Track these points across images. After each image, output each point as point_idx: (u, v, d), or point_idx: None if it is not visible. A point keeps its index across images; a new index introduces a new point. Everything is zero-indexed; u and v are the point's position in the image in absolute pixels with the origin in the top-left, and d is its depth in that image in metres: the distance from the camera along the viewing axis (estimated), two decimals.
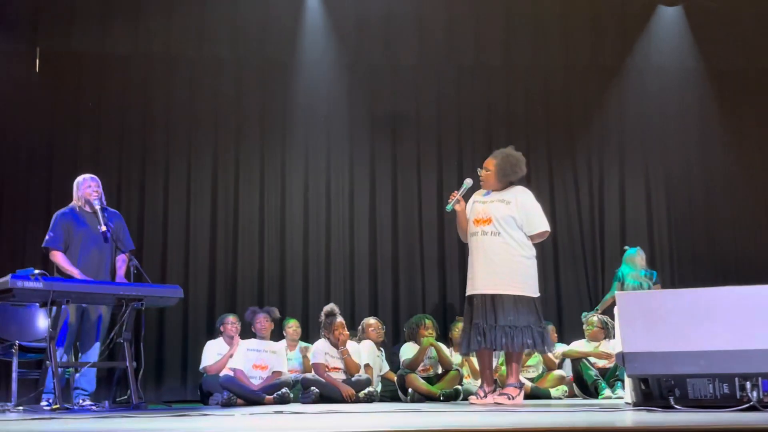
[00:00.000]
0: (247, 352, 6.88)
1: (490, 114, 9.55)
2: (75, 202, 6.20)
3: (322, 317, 7.07)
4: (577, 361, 7.41)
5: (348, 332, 7.03)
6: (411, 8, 9.31)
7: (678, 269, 9.39)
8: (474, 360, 7.04)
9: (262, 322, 7.03)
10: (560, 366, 7.73)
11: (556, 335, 8.03)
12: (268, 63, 9.27)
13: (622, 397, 6.31)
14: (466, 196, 5.80)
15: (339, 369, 6.88)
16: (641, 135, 9.61)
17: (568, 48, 9.53)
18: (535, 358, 7.54)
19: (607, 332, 7.57)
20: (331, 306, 7.12)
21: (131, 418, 4.30)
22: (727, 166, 9.55)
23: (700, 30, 9.50)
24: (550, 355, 7.33)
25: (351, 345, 7.04)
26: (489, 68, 9.52)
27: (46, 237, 6.07)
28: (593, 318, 7.71)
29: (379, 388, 7.09)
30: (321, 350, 6.92)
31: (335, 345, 6.92)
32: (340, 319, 6.98)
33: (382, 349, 7.54)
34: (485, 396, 5.57)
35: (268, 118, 9.23)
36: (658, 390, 3.86)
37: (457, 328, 7.24)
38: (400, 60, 9.40)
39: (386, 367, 7.50)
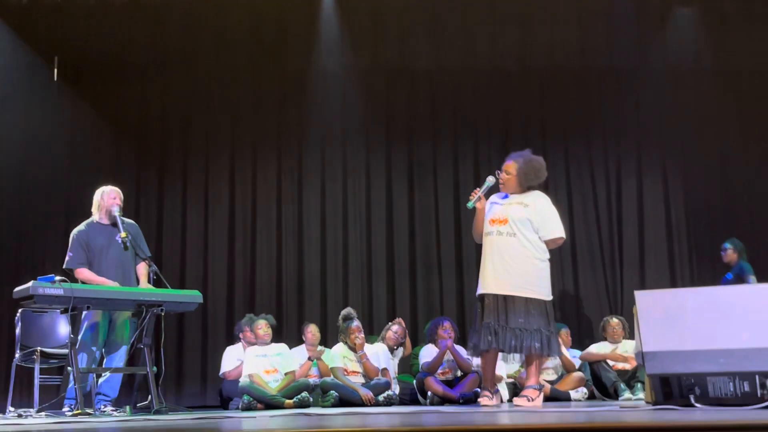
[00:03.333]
0: (255, 359, 6.89)
1: (506, 117, 9.55)
2: (93, 214, 6.24)
3: (340, 321, 7.10)
4: (596, 363, 7.39)
5: (363, 335, 7.04)
6: (427, 14, 9.33)
7: (697, 269, 9.35)
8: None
9: (263, 327, 7.03)
10: (580, 368, 7.70)
11: (569, 338, 8.01)
12: (284, 71, 9.33)
13: (642, 399, 6.30)
14: (487, 195, 5.78)
15: (358, 373, 6.90)
16: (658, 136, 9.58)
17: (584, 50, 9.52)
18: (554, 360, 7.51)
19: (626, 333, 7.55)
20: (347, 310, 7.15)
21: (153, 422, 4.33)
22: (745, 166, 9.51)
23: (715, 31, 9.46)
24: (568, 356, 7.32)
25: (369, 348, 7.05)
26: (504, 72, 9.53)
27: (66, 258, 6.09)
28: (613, 320, 7.69)
29: (397, 391, 7.09)
30: (339, 354, 6.94)
31: (353, 349, 6.93)
32: (356, 323, 7.00)
33: (391, 353, 7.51)
34: (492, 398, 5.55)
35: (284, 124, 9.30)
36: (679, 389, 3.85)
37: None
38: (416, 66, 9.43)
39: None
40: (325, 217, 9.14)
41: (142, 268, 6.23)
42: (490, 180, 5.74)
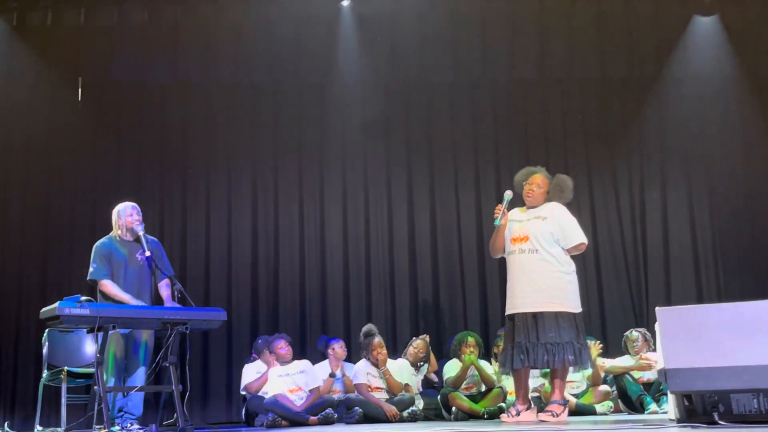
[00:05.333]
0: (278, 379, 6.91)
1: (526, 129, 9.53)
2: (114, 231, 6.28)
3: (361, 338, 7.10)
4: (621, 376, 7.34)
5: (385, 351, 7.02)
6: (445, 26, 9.34)
7: (724, 281, 9.25)
8: None
9: (283, 347, 7.07)
10: (607, 380, 7.65)
11: (601, 350, 7.93)
12: (304, 86, 9.36)
13: (667, 412, 6.25)
14: (508, 209, 5.79)
15: (381, 389, 6.90)
16: (682, 145, 9.51)
17: (605, 60, 9.48)
18: (579, 373, 7.46)
19: (648, 345, 7.49)
20: (368, 326, 7.15)
21: None
22: None
23: (737, 38, 9.40)
24: (599, 371, 7.26)
25: (391, 364, 7.05)
26: (524, 83, 9.52)
27: (90, 269, 6.12)
28: (634, 334, 7.63)
29: (420, 406, 7.08)
30: (362, 370, 6.94)
31: (376, 365, 6.93)
32: (378, 338, 6.99)
33: (415, 368, 7.49)
34: (517, 414, 5.54)
35: (305, 141, 9.33)
36: (702, 406, 3.82)
37: (501, 344, 7.20)
38: (435, 78, 9.43)
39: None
40: (347, 233, 9.16)
41: (163, 287, 6.25)
42: (509, 194, 5.74)
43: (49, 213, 8.85)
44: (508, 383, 7.32)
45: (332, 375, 7.30)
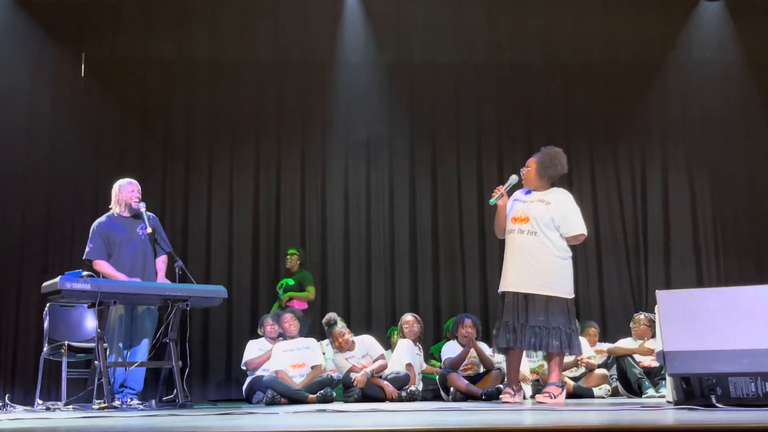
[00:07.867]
0: (283, 354, 6.95)
1: (530, 111, 9.54)
2: (113, 208, 6.30)
3: (325, 327, 7.12)
4: (622, 358, 7.36)
5: (349, 337, 7.02)
6: (450, 7, 9.31)
7: (724, 265, 9.28)
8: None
9: (289, 321, 7.15)
10: (607, 363, 7.68)
11: (596, 337, 7.95)
12: (308, 65, 9.35)
13: (664, 396, 6.27)
14: (510, 193, 5.77)
15: (368, 364, 6.94)
16: (684, 130, 9.53)
17: (609, 44, 9.46)
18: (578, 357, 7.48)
19: (653, 330, 7.49)
20: (328, 315, 7.15)
21: (177, 417, 4.38)
22: None
23: (742, 24, 9.37)
24: (589, 360, 7.30)
25: (365, 339, 7.09)
26: (528, 65, 9.50)
27: (87, 249, 6.16)
28: (640, 316, 7.64)
29: (420, 387, 7.10)
30: (341, 358, 6.96)
31: (345, 351, 6.96)
32: (338, 327, 6.97)
33: (419, 345, 7.50)
34: (514, 395, 5.56)
35: (308, 119, 9.34)
36: (700, 389, 3.84)
37: None
38: (439, 59, 9.41)
39: (424, 365, 7.52)
40: (348, 213, 9.18)
41: (160, 263, 6.28)
42: (513, 178, 5.72)
43: (51, 189, 8.86)
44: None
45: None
